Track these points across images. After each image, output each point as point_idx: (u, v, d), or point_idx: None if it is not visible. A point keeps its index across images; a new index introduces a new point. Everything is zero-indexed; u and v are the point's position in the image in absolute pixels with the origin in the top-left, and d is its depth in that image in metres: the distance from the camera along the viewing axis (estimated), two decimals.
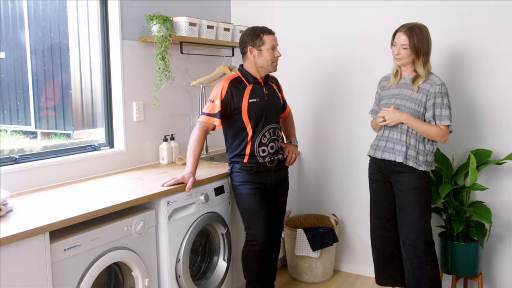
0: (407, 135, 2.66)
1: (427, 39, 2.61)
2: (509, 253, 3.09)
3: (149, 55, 3.13)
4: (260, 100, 2.76)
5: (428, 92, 2.61)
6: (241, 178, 2.78)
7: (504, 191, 3.05)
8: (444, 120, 2.60)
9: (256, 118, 2.74)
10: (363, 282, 3.50)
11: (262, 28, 2.73)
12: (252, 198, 2.75)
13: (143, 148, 3.20)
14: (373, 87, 3.04)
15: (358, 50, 3.44)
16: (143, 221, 2.36)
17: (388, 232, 2.86)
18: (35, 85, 2.78)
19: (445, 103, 2.61)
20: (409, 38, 2.58)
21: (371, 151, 2.83)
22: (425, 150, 2.67)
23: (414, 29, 2.59)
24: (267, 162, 2.78)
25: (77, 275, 2.05)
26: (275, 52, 2.74)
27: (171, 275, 2.53)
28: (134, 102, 3.09)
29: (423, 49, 2.60)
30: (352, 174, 3.52)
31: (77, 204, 2.21)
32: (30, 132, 2.86)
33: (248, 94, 2.74)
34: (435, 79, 2.63)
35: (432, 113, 2.62)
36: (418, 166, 2.65)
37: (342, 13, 3.46)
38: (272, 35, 2.73)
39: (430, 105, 2.62)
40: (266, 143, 2.78)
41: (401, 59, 2.64)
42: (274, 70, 2.79)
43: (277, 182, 2.87)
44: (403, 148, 2.66)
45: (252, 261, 2.77)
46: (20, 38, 2.72)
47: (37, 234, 1.86)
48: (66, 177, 2.70)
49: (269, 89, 2.84)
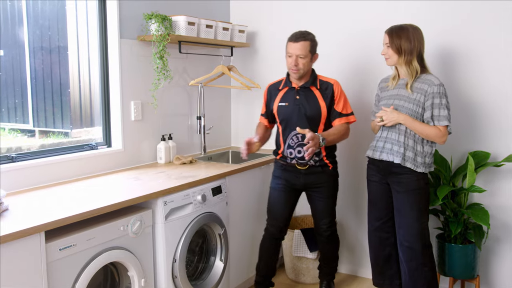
0: (405, 136, 2.65)
1: (409, 37, 2.60)
2: (507, 255, 3.09)
3: (147, 54, 3.13)
4: (289, 105, 2.86)
5: (426, 92, 2.60)
6: (274, 171, 3.03)
7: (502, 193, 3.05)
8: (442, 121, 2.59)
9: (284, 121, 2.89)
10: (361, 283, 3.49)
11: (291, 34, 2.80)
12: (275, 192, 2.97)
13: (141, 148, 3.19)
14: (372, 89, 3.03)
15: (358, 49, 3.43)
16: (139, 221, 2.36)
17: (385, 233, 2.85)
18: (34, 83, 2.78)
19: (443, 103, 2.59)
20: (389, 36, 2.64)
21: (369, 152, 2.82)
22: (423, 152, 2.66)
23: (395, 28, 2.64)
24: (295, 164, 2.88)
25: (72, 275, 2.04)
26: (290, 59, 2.78)
27: (167, 275, 2.53)
28: (132, 101, 3.09)
29: (404, 47, 2.60)
30: (350, 175, 3.51)
31: (73, 203, 2.21)
32: (28, 130, 2.85)
33: (280, 98, 2.91)
34: (433, 79, 2.61)
35: (430, 114, 2.60)
36: (416, 168, 2.63)
37: (339, 13, 3.46)
38: (290, 42, 2.78)
39: (428, 105, 2.60)
40: (293, 146, 2.87)
41: (388, 59, 2.68)
42: (294, 77, 2.83)
43: (306, 185, 2.91)
44: (401, 149, 2.65)
45: (260, 248, 3.06)
46: (19, 36, 2.71)
47: (32, 233, 1.85)
48: (63, 176, 2.69)
49: (304, 94, 2.84)
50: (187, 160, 3.23)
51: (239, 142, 4.04)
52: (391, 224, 2.83)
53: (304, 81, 2.85)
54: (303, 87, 2.85)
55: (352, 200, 3.57)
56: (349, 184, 3.54)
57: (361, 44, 3.41)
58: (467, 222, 2.99)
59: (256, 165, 3.27)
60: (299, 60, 2.75)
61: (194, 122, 3.62)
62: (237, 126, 4.04)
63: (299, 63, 2.75)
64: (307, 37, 2.77)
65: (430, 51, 3.01)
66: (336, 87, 2.86)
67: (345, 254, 3.63)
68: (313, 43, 2.80)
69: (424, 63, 2.68)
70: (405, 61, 2.62)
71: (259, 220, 3.36)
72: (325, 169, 2.91)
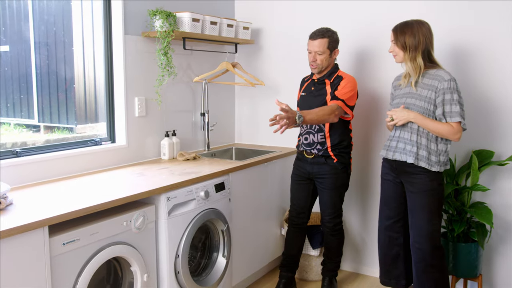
0: (417, 135, 2.60)
1: (413, 33, 2.55)
2: (510, 254, 3.08)
3: (151, 51, 3.14)
4: (307, 94, 3.07)
5: (437, 88, 2.53)
6: (294, 161, 3.21)
7: (506, 192, 3.04)
8: (454, 117, 2.51)
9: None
10: (363, 280, 3.49)
11: (312, 32, 2.97)
12: (292, 182, 3.20)
13: (145, 144, 3.20)
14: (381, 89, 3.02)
15: (363, 46, 3.42)
16: (142, 217, 2.37)
17: (395, 233, 2.82)
18: (39, 78, 2.79)
19: (455, 99, 2.51)
20: (394, 33, 2.63)
21: (383, 152, 2.77)
22: (437, 150, 2.59)
23: (400, 24, 2.62)
24: (303, 151, 3.05)
25: (75, 270, 2.06)
26: (308, 56, 2.97)
27: (170, 271, 2.54)
28: (136, 97, 3.10)
29: (409, 43, 2.56)
30: (354, 173, 3.51)
31: (77, 198, 2.22)
32: (33, 125, 2.87)
33: (303, 88, 3.13)
34: (443, 75, 2.54)
35: (442, 110, 2.54)
36: (431, 167, 2.57)
37: (344, 11, 3.44)
38: (310, 40, 2.95)
39: (439, 102, 2.53)
40: (302, 133, 3.09)
41: (395, 56, 2.66)
42: (314, 72, 3.01)
43: (311, 174, 3.06)
44: (413, 148, 2.59)
45: (286, 235, 3.27)
46: (24, 32, 2.72)
47: (36, 227, 1.87)
48: (67, 171, 2.71)
49: (318, 86, 3.02)
50: (190, 156, 3.24)
51: (242, 139, 4.04)
52: (402, 224, 2.79)
53: (322, 75, 3.01)
54: (319, 80, 3.02)
55: (356, 198, 3.57)
56: (354, 182, 3.53)
57: (366, 41, 3.40)
58: (470, 221, 2.98)
59: (260, 161, 3.27)
60: (317, 56, 2.92)
61: (198, 119, 3.62)
62: (240, 123, 4.05)
63: (317, 59, 2.93)
64: (325, 35, 2.91)
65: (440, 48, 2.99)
66: (345, 80, 2.92)
67: (348, 252, 3.63)
68: (332, 40, 2.93)
69: (433, 59, 2.61)
70: (410, 58, 2.58)
71: (262, 217, 3.37)
72: (328, 160, 2.99)
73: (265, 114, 3.85)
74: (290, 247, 3.23)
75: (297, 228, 3.20)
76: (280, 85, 3.77)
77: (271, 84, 3.79)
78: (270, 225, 3.47)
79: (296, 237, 3.21)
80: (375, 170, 3.47)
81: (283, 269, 3.26)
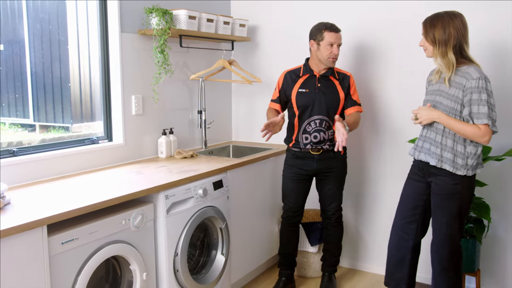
0: (442, 136, 2.46)
1: (443, 26, 2.39)
2: (507, 249, 3.09)
3: (148, 48, 3.12)
4: (310, 91, 2.97)
5: (464, 87, 2.36)
6: (286, 160, 3.14)
7: (503, 187, 3.05)
8: (481, 119, 2.33)
9: (302, 107, 2.97)
10: (361, 277, 3.50)
11: (326, 24, 2.91)
12: (287, 181, 3.11)
13: (142, 142, 3.19)
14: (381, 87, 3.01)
15: (361, 44, 3.42)
16: (141, 215, 2.36)
17: (405, 234, 2.69)
18: (34, 77, 2.77)
19: (483, 99, 2.33)
20: (423, 26, 2.47)
21: (411, 151, 2.66)
22: (465, 153, 2.43)
23: (430, 17, 2.46)
24: (309, 149, 2.98)
25: (74, 269, 2.05)
26: (333, 48, 2.88)
27: (169, 269, 2.53)
28: (133, 96, 3.08)
29: (438, 38, 2.40)
30: (353, 169, 3.50)
31: (75, 197, 2.21)
32: (28, 125, 2.85)
33: (299, 84, 3.01)
34: (472, 72, 2.35)
35: (469, 111, 2.36)
36: (456, 170, 2.43)
37: (340, 9, 3.44)
38: (333, 33, 2.89)
39: (466, 101, 2.36)
40: (310, 131, 2.99)
41: (425, 50, 2.50)
42: (331, 65, 2.95)
43: (318, 170, 3.03)
44: (437, 150, 2.47)
45: (281, 234, 3.24)
46: (19, 31, 2.70)
47: (34, 227, 1.85)
48: (64, 170, 2.69)
49: (324, 83, 2.98)
50: (188, 154, 3.23)
51: (240, 136, 4.03)
52: (415, 226, 2.67)
53: (325, 71, 2.97)
54: (323, 76, 2.98)
55: (354, 195, 3.57)
56: (351, 178, 3.54)
57: (364, 38, 3.40)
58: (468, 216, 2.99)
59: (257, 159, 3.26)
60: (339, 49, 2.92)
61: (195, 116, 3.61)
62: (238, 120, 4.04)
63: (338, 52, 2.93)
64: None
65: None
66: (352, 79, 3.05)
67: (346, 248, 3.64)
68: None
69: (466, 54, 2.43)
70: (440, 53, 2.41)
71: (260, 214, 3.37)
72: (337, 154, 3.03)
73: (262, 111, 3.84)
74: (286, 246, 3.23)
75: (293, 227, 3.20)
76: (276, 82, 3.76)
77: (267, 81, 3.79)
78: (268, 222, 3.47)
79: (292, 236, 3.22)
80: (371, 166, 3.48)
81: (282, 267, 3.26)
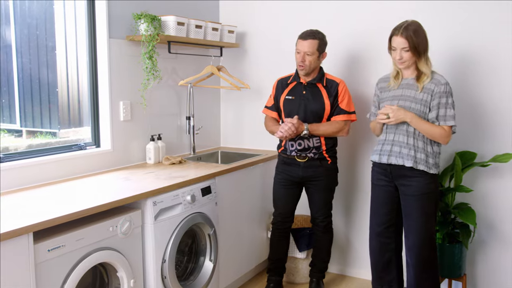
0: (414, 138, 2.58)
1: (423, 35, 2.54)
2: (493, 254, 3.13)
3: (136, 54, 3.11)
4: (296, 98, 3.01)
5: (433, 92, 2.54)
6: (277, 166, 3.17)
7: (489, 193, 3.09)
8: (448, 121, 2.54)
9: (288, 114, 3.02)
10: (350, 282, 3.51)
11: (302, 32, 2.94)
12: (276, 186, 3.16)
13: (130, 148, 3.17)
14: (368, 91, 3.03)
15: (350, 50, 3.45)
16: (128, 222, 2.35)
17: (386, 238, 2.78)
18: (21, 82, 2.75)
19: (450, 102, 2.54)
20: (407, 39, 2.50)
21: (375, 157, 2.72)
22: (433, 152, 2.59)
23: (409, 28, 2.51)
24: (295, 156, 2.99)
25: (61, 276, 2.03)
26: (297, 56, 2.93)
27: (157, 276, 2.52)
28: (121, 101, 3.07)
29: (423, 47, 2.53)
30: (341, 175, 3.52)
31: (61, 204, 2.19)
32: (15, 130, 2.82)
33: (287, 91, 3.06)
34: (440, 79, 2.56)
35: (436, 114, 2.54)
36: (429, 169, 2.56)
37: (329, 14, 3.47)
38: (300, 40, 2.92)
39: (434, 105, 2.54)
40: (295, 138, 2.99)
41: (405, 62, 2.56)
42: (300, 73, 2.97)
43: (304, 177, 3.03)
44: (411, 151, 2.57)
45: (271, 240, 3.24)
46: (6, 36, 2.68)
47: (20, 234, 1.84)
48: (51, 177, 2.67)
49: (310, 90, 2.99)
50: (176, 160, 3.22)
51: (228, 142, 4.04)
52: (394, 229, 2.77)
53: (312, 78, 2.99)
54: (310, 83, 2.99)
55: (342, 200, 3.59)
56: (340, 184, 3.55)
57: (353, 44, 3.43)
58: (454, 222, 3.02)
59: (245, 165, 3.27)
60: (306, 57, 2.89)
61: (183, 122, 3.61)
62: (226, 127, 4.04)
63: (306, 60, 2.90)
64: (316, 36, 2.91)
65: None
66: (341, 86, 2.99)
67: (335, 254, 3.64)
68: (322, 42, 2.94)
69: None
70: (424, 61, 2.54)
71: (248, 220, 3.37)
72: (323, 162, 3.02)
73: (250, 118, 3.86)
74: (276, 252, 3.23)
75: (283, 233, 3.20)
76: (265, 88, 3.77)
77: (256, 87, 3.80)
78: (256, 228, 3.47)
79: (282, 242, 3.22)
80: (360, 171, 3.50)
81: (270, 273, 3.26)
